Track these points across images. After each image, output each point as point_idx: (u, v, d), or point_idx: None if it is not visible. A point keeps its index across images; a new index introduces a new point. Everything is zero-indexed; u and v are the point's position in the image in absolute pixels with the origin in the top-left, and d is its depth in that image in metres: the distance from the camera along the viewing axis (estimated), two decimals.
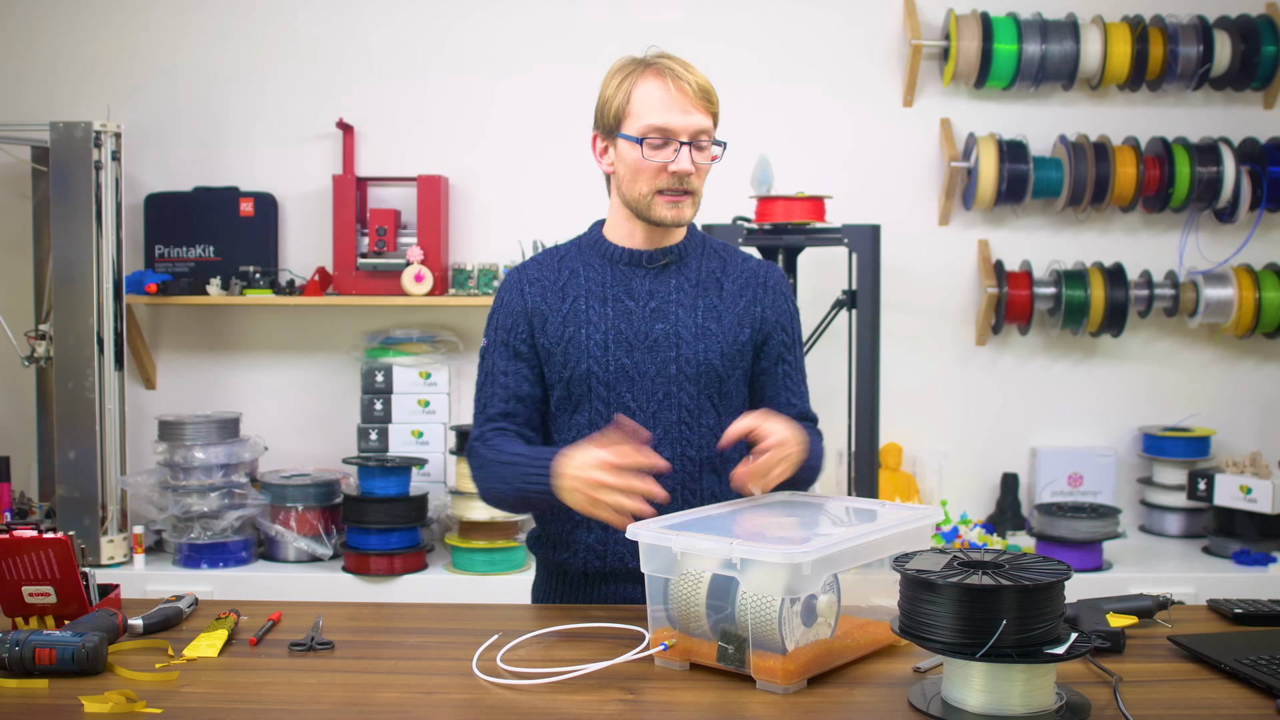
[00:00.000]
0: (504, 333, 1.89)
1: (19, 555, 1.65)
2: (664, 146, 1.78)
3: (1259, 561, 3.14)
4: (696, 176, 1.81)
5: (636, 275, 1.87)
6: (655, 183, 1.80)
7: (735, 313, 1.88)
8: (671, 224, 1.83)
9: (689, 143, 1.78)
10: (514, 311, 1.89)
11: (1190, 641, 1.60)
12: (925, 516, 1.66)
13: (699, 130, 1.79)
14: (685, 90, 1.78)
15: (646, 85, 1.79)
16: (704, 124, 1.79)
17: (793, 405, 1.92)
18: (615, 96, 1.81)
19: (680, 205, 1.82)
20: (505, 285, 1.92)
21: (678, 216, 1.82)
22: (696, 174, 1.81)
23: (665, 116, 1.77)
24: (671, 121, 1.77)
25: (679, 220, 1.83)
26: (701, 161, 1.81)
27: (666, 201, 1.81)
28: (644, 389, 1.84)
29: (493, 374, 1.89)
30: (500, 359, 1.88)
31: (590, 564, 1.88)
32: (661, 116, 1.77)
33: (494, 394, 1.88)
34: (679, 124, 1.77)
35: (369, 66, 3.52)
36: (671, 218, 1.82)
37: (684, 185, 1.80)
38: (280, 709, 1.40)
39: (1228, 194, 3.37)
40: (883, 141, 3.52)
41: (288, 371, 3.56)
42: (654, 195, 1.81)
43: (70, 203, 3.07)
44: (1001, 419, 3.57)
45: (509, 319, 1.89)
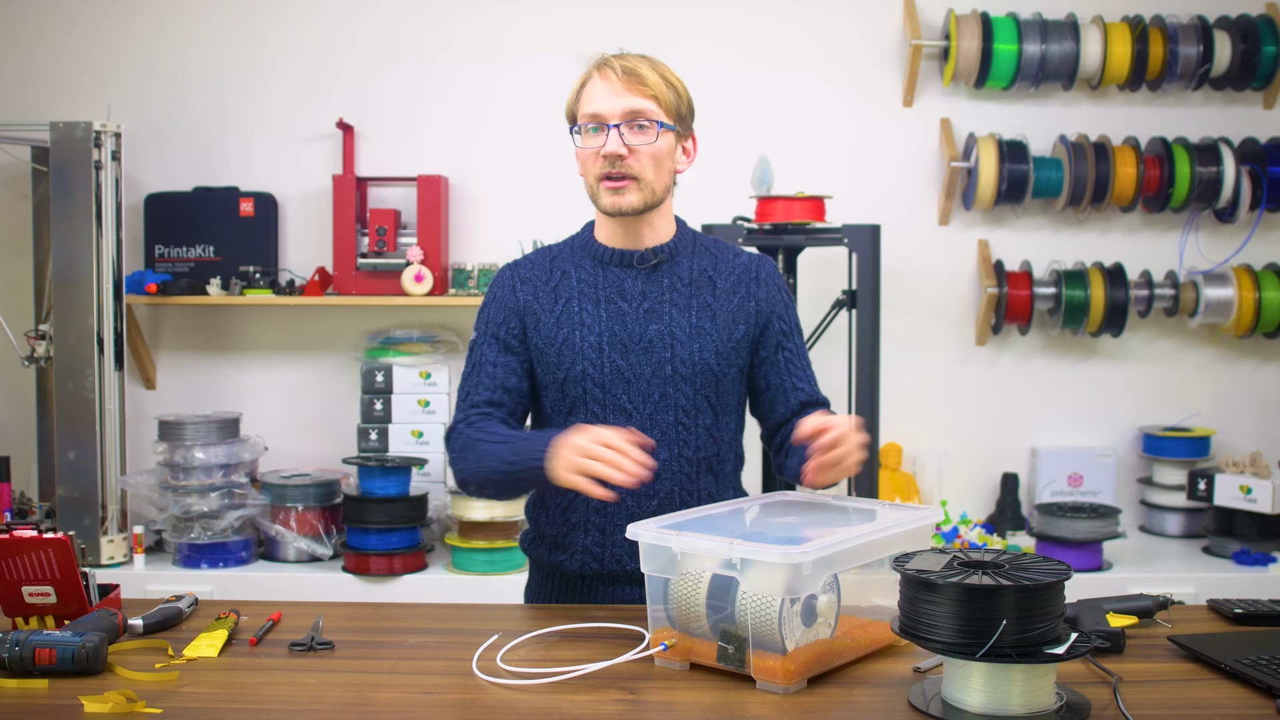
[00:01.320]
0: (495, 326, 1.88)
1: (19, 555, 1.65)
2: (598, 133, 1.80)
3: (1259, 561, 3.14)
4: (635, 160, 1.79)
5: (628, 276, 1.87)
6: (596, 170, 1.81)
7: (729, 310, 1.87)
8: (614, 211, 1.81)
9: (618, 125, 1.78)
10: (506, 307, 1.89)
11: (1190, 641, 1.60)
12: (925, 516, 1.66)
13: (629, 111, 1.78)
14: (610, 77, 1.79)
15: (590, 82, 1.83)
16: (635, 105, 1.79)
17: (800, 390, 1.90)
18: (570, 100, 1.86)
19: (621, 191, 1.80)
20: (497, 281, 1.92)
21: (617, 204, 1.80)
22: (634, 156, 1.79)
23: (596, 104, 1.80)
24: (601, 107, 1.79)
25: (619, 207, 1.81)
26: (638, 143, 1.79)
27: (607, 188, 1.81)
28: (640, 390, 1.83)
29: (480, 364, 1.88)
30: (489, 350, 1.88)
31: (588, 566, 1.87)
32: (594, 104, 1.80)
33: (480, 383, 1.87)
34: (607, 107, 1.79)
35: (369, 66, 3.52)
36: (611, 204, 1.81)
37: (619, 169, 1.79)
38: (280, 709, 1.40)
39: (1228, 194, 3.37)
40: (883, 141, 3.52)
41: (288, 371, 3.56)
42: (598, 183, 1.82)
43: (70, 203, 3.07)
44: (1001, 419, 3.57)
45: (500, 313, 1.89)
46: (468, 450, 1.81)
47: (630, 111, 1.78)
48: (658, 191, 1.83)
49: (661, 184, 1.84)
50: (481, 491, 1.84)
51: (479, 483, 1.82)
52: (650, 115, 1.79)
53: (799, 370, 1.91)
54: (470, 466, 1.81)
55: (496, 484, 1.79)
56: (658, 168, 1.82)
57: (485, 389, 1.86)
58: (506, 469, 1.75)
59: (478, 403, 1.86)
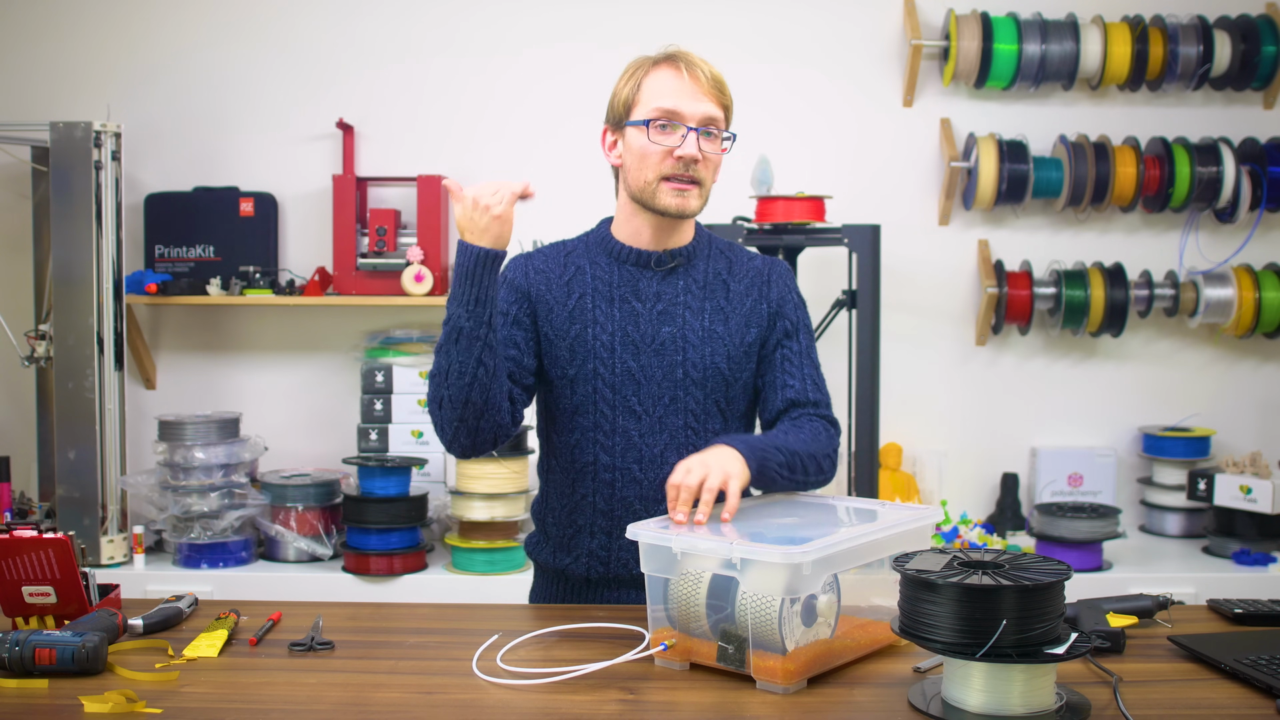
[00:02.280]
0: (504, 304, 1.84)
1: (19, 555, 1.65)
2: (671, 131, 1.76)
3: (1259, 561, 3.14)
4: (704, 166, 1.78)
5: (644, 276, 1.85)
6: (661, 168, 1.77)
7: (742, 314, 1.86)
8: (676, 214, 1.78)
9: (697, 129, 1.75)
10: (518, 289, 1.85)
11: (1190, 641, 1.60)
12: (925, 516, 1.66)
13: (708, 118, 1.76)
14: (698, 77, 1.76)
15: (658, 74, 1.78)
16: (714, 112, 1.77)
17: (790, 387, 1.86)
18: (626, 87, 1.81)
19: (686, 194, 1.78)
20: (509, 267, 1.88)
21: (682, 206, 1.78)
22: (704, 164, 1.77)
23: (674, 101, 1.75)
24: (680, 105, 1.75)
25: (683, 210, 1.78)
26: (710, 151, 1.77)
27: (672, 189, 1.77)
28: (650, 393, 1.82)
29: None
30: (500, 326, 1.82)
31: (594, 570, 1.87)
32: (671, 100, 1.75)
33: None
34: (688, 109, 1.75)
35: (369, 66, 3.52)
36: (676, 206, 1.78)
37: (690, 173, 1.76)
38: (280, 709, 1.40)
39: (1228, 194, 3.37)
40: (883, 141, 3.52)
41: (288, 371, 3.56)
42: (659, 182, 1.77)
43: (70, 203, 3.07)
44: (1001, 419, 3.57)
45: (513, 294, 1.85)
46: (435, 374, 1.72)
47: (709, 117, 1.76)
48: (708, 198, 1.83)
49: (710, 191, 1.83)
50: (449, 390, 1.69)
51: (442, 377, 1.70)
52: (721, 124, 1.79)
53: (794, 369, 1.87)
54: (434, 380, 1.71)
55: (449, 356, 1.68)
56: (714, 177, 1.82)
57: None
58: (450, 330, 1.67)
59: None
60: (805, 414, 1.85)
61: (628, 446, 1.82)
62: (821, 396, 1.88)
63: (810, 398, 1.86)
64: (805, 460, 1.77)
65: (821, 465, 1.81)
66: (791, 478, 1.76)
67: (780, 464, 1.73)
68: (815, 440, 1.81)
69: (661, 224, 1.84)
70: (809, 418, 1.85)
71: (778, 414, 1.86)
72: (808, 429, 1.82)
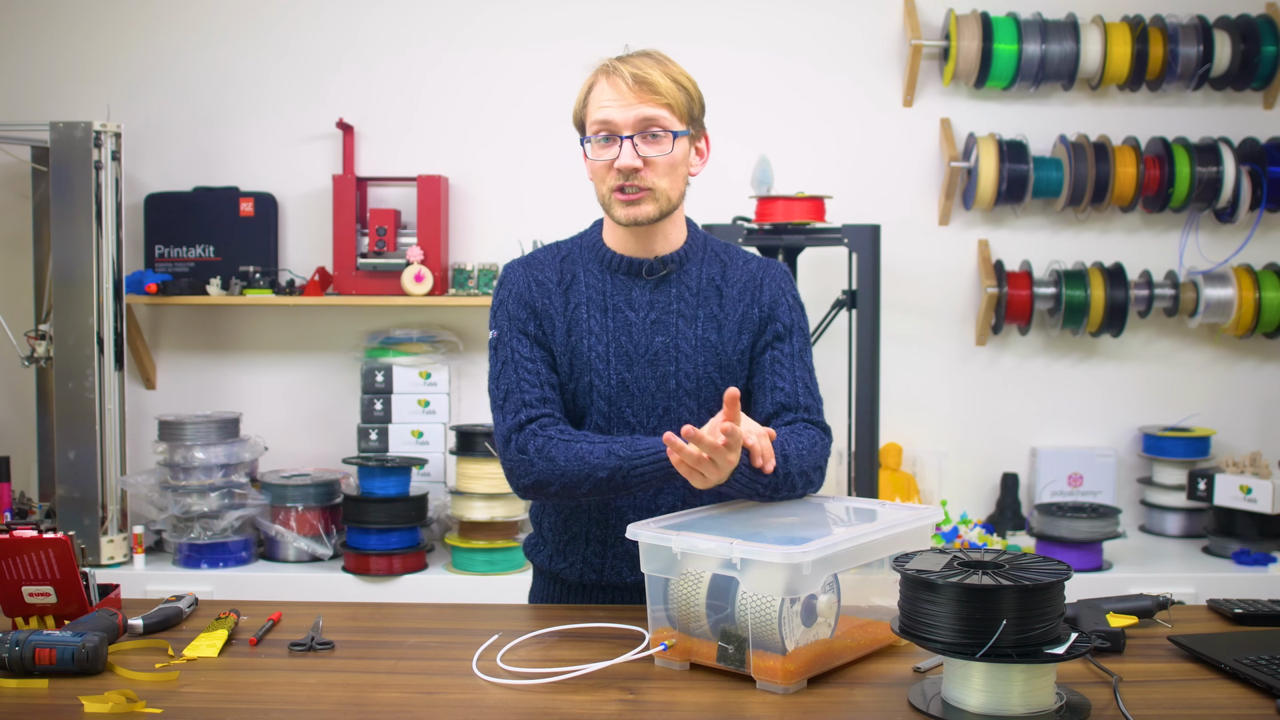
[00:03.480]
0: (519, 322, 1.81)
1: (19, 555, 1.65)
2: (612, 143, 1.74)
3: (1259, 561, 3.14)
4: (651, 171, 1.74)
5: (636, 285, 1.82)
6: (609, 181, 1.76)
7: (735, 320, 1.83)
8: (628, 223, 1.76)
9: (631, 136, 1.73)
10: (524, 303, 1.83)
11: (1190, 641, 1.60)
12: (925, 516, 1.66)
13: (643, 120, 1.73)
14: (620, 84, 1.73)
15: (598, 86, 1.77)
16: (647, 113, 1.72)
17: (779, 389, 1.81)
18: (578, 104, 1.81)
19: (636, 204, 1.75)
20: (511, 279, 1.85)
21: (633, 215, 1.75)
22: (650, 168, 1.74)
23: (606, 111, 1.74)
24: (611, 115, 1.73)
25: (636, 219, 1.76)
26: (653, 153, 1.74)
27: (621, 200, 1.76)
28: (644, 404, 1.80)
29: (515, 360, 1.80)
30: (521, 345, 1.80)
31: (587, 576, 1.86)
32: (603, 112, 1.74)
33: (523, 379, 1.78)
34: (618, 116, 1.73)
35: (368, 66, 3.52)
36: (625, 217, 1.76)
37: (633, 181, 1.74)
38: (280, 709, 1.40)
39: (1228, 194, 3.37)
40: (883, 141, 3.52)
41: (288, 371, 3.56)
42: (611, 195, 1.76)
43: (70, 203, 3.07)
44: (1001, 419, 3.57)
45: (521, 310, 1.82)
46: (559, 451, 1.72)
47: (643, 120, 1.73)
48: (673, 199, 1.78)
49: (676, 191, 1.79)
50: (573, 490, 1.73)
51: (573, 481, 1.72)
52: (664, 124, 1.73)
53: (785, 370, 1.83)
54: (559, 466, 1.72)
55: (594, 482, 1.71)
56: (672, 176, 1.77)
57: (532, 386, 1.78)
58: (614, 467, 1.68)
59: (531, 401, 1.77)
60: (798, 419, 1.81)
61: None
62: (812, 401, 1.84)
63: (800, 402, 1.82)
64: (795, 477, 1.72)
65: (811, 479, 1.77)
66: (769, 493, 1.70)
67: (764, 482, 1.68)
68: (811, 453, 1.76)
69: (638, 232, 1.81)
70: (804, 424, 1.81)
71: (768, 418, 1.83)
72: (805, 439, 1.77)
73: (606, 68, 1.77)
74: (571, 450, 1.72)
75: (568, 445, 1.72)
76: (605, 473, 1.69)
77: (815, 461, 1.77)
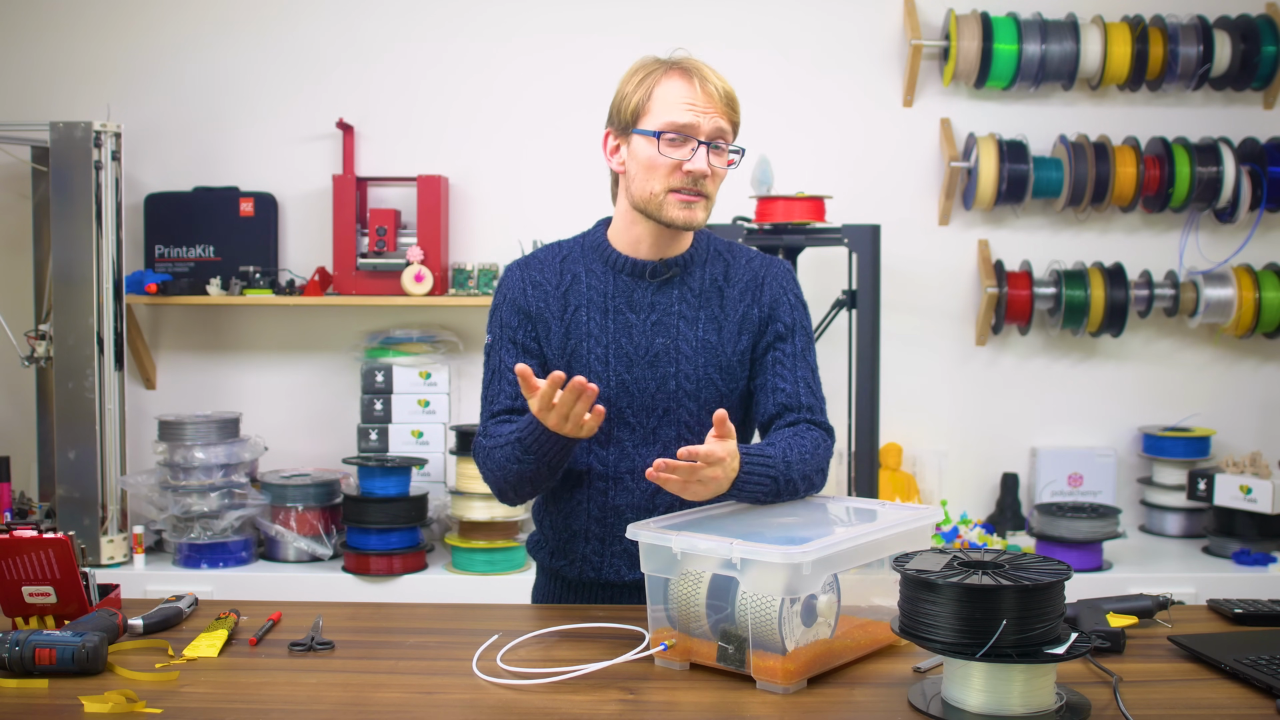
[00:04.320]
0: (509, 330, 1.85)
1: (19, 555, 1.65)
2: (682, 145, 1.74)
3: (1259, 561, 3.14)
4: (711, 180, 1.77)
5: (639, 287, 1.83)
6: (669, 181, 1.75)
7: (735, 320, 1.84)
8: (682, 226, 1.77)
9: (707, 143, 1.75)
10: (518, 309, 1.85)
11: (1190, 641, 1.60)
12: (925, 516, 1.66)
13: (719, 132, 1.75)
14: (711, 92, 1.75)
15: (671, 83, 1.76)
16: (724, 126, 1.76)
17: (781, 391, 1.82)
18: (635, 93, 1.77)
19: (693, 207, 1.76)
20: (508, 282, 1.87)
21: (689, 219, 1.77)
22: (711, 178, 1.77)
23: (687, 114, 1.73)
24: (693, 119, 1.74)
25: (690, 223, 1.77)
26: (718, 165, 1.77)
27: (679, 201, 1.76)
28: (643, 405, 1.81)
29: (500, 370, 1.85)
30: (507, 355, 1.84)
31: (586, 574, 1.87)
32: (684, 114, 1.74)
33: (501, 390, 1.84)
34: (700, 123, 1.74)
35: (369, 66, 3.52)
36: (683, 219, 1.76)
37: (698, 186, 1.75)
38: (280, 709, 1.40)
39: (1228, 194, 3.37)
40: (883, 141, 3.52)
41: (288, 371, 3.56)
42: (666, 194, 1.76)
43: (70, 203, 3.07)
44: (1001, 419, 3.57)
45: (514, 316, 1.85)
46: (489, 459, 1.81)
47: (719, 131, 1.76)
48: (711, 212, 1.82)
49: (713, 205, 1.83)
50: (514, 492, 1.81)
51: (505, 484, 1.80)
52: (730, 139, 1.79)
53: (786, 372, 1.83)
54: (491, 475, 1.81)
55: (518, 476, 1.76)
56: (719, 188, 1.82)
57: (505, 397, 1.84)
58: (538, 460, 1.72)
59: (496, 413, 1.84)
60: (800, 419, 1.82)
61: (621, 457, 1.82)
62: (815, 401, 1.84)
63: (803, 402, 1.83)
64: (797, 482, 1.73)
65: (814, 481, 1.78)
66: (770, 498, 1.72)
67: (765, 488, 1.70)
68: (814, 456, 1.77)
69: (663, 233, 1.82)
70: (807, 425, 1.82)
71: (770, 418, 1.84)
72: (808, 442, 1.77)
73: (687, 69, 1.77)
74: (493, 457, 1.79)
75: (490, 452, 1.80)
76: (516, 463, 1.74)
77: (817, 465, 1.78)
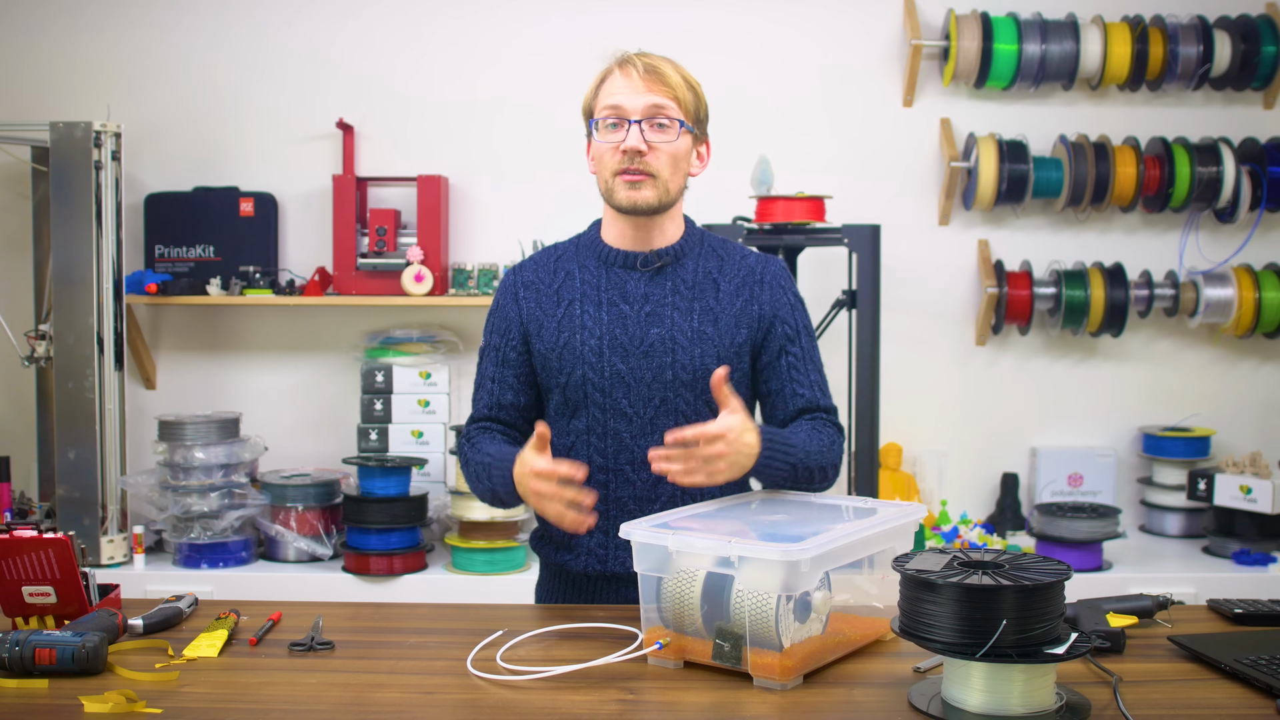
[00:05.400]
0: (497, 337, 1.92)
1: (19, 555, 1.65)
2: (619, 128, 1.80)
3: (1259, 561, 3.14)
4: (654, 157, 1.79)
5: (632, 278, 1.86)
6: (613, 164, 1.81)
7: (732, 314, 1.85)
8: (629, 208, 1.81)
9: (639, 120, 1.78)
10: (508, 318, 1.91)
11: (1190, 641, 1.60)
12: (913, 513, 1.67)
13: (652, 106, 1.79)
14: (631, 74, 1.80)
15: (610, 78, 1.83)
16: (656, 101, 1.79)
17: (799, 395, 1.86)
18: (587, 96, 1.87)
19: (637, 186, 1.80)
20: (502, 288, 1.93)
21: (633, 199, 1.80)
22: (654, 154, 1.79)
23: (616, 98, 1.80)
24: (621, 100, 1.79)
25: (635, 203, 1.80)
26: (658, 140, 1.79)
27: (624, 182, 1.80)
28: (640, 395, 1.83)
29: (484, 378, 1.94)
30: (491, 364, 1.92)
31: (591, 566, 1.87)
32: (615, 98, 1.80)
33: (480, 397, 1.94)
34: (629, 102, 1.79)
35: (369, 67, 3.52)
36: (628, 200, 1.80)
37: (637, 164, 1.79)
38: (280, 709, 1.40)
39: (1228, 194, 3.37)
40: (883, 141, 3.52)
41: (288, 371, 3.56)
42: (614, 178, 1.81)
43: (70, 203, 3.07)
44: (1001, 419, 3.57)
45: (503, 324, 1.91)
46: (467, 469, 1.89)
47: (652, 107, 1.79)
48: (672, 191, 1.83)
49: (676, 185, 1.84)
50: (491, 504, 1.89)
51: (482, 497, 1.88)
52: (671, 113, 1.80)
53: (801, 375, 1.87)
54: (471, 485, 1.90)
55: (493, 500, 1.85)
56: (674, 168, 1.82)
57: (483, 404, 1.93)
58: (490, 491, 1.82)
59: (477, 418, 1.93)
60: (820, 419, 1.87)
61: (620, 448, 1.84)
62: (831, 403, 1.90)
63: (821, 404, 1.88)
64: (814, 472, 1.80)
65: (828, 474, 1.84)
66: (787, 483, 1.79)
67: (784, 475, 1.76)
68: (830, 450, 1.83)
69: (638, 223, 1.85)
70: (824, 423, 1.86)
71: (790, 420, 1.88)
72: (825, 437, 1.83)
73: (620, 59, 1.84)
74: (469, 469, 1.87)
75: (469, 463, 1.87)
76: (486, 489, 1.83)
77: (833, 460, 1.84)
